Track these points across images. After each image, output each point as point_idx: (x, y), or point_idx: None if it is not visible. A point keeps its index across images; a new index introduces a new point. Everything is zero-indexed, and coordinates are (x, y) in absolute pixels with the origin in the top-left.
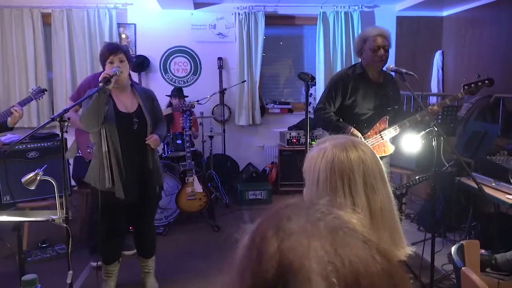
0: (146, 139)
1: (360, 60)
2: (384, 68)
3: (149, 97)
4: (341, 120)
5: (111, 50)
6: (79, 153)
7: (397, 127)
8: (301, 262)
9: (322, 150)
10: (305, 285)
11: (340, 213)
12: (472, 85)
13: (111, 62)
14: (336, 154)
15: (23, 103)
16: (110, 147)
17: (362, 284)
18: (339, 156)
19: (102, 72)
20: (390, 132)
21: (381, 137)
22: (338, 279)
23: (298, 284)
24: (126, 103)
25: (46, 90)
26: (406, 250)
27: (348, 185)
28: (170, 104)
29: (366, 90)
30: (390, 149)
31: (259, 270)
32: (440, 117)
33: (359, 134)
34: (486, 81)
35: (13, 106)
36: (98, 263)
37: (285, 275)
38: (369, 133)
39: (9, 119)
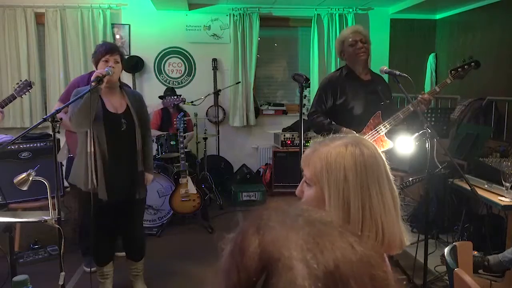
0: (146, 183)
1: (345, 63)
2: (377, 70)
3: (137, 99)
4: (333, 122)
5: (108, 49)
6: (70, 154)
7: (392, 121)
8: (280, 252)
9: (341, 147)
10: (287, 272)
11: (319, 211)
12: (459, 69)
13: (106, 61)
14: (361, 151)
15: (5, 102)
16: (96, 148)
17: (342, 271)
18: (364, 152)
19: (91, 72)
20: (386, 127)
21: (377, 132)
22: (318, 265)
23: (279, 272)
24: (115, 103)
25: (33, 84)
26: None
27: (377, 182)
28: None
29: (355, 88)
30: (388, 143)
31: (242, 266)
32: (433, 119)
33: (354, 133)
34: (472, 63)
35: None
36: (92, 268)
37: (267, 266)
38: (364, 130)
39: None
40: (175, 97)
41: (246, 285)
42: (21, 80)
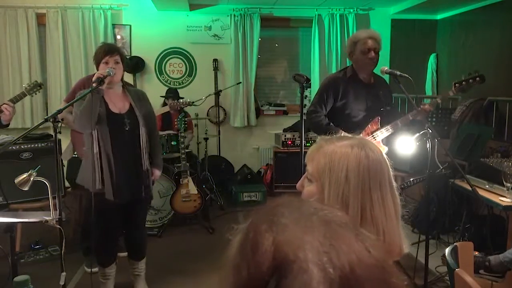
0: (153, 178)
1: (351, 62)
2: (378, 71)
3: (141, 98)
4: (331, 124)
5: (107, 51)
6: (75, 154)
7: (389, 128)
8: (296, 254)
9: (347, 147)
10: (301, 275)
11: (332, 209)
12: (463, 83)
13: (106, 63)
14: (366, 154)
15: (16, 99)
16: (101, 148)
17: (358, 275)
18: (369, 156)
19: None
20: (383, 133)
21: (374, 138)
22: (333, 269)
23: (294, 275)
24: (118, 104)
25: (43, 85)
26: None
27: (379, 188)
28: (165, 104)
29: (357, 92)
30: (383, 150)
31: (254, 263)
32: (434, 119)
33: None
34: (477, 78)
35: (3, 103)
36: (93, 269)
37: (280, 267)
38: (361, 135)
39: (1, 116)
40: (181, 100)
41: (256, 282)
42: (31, 81)
